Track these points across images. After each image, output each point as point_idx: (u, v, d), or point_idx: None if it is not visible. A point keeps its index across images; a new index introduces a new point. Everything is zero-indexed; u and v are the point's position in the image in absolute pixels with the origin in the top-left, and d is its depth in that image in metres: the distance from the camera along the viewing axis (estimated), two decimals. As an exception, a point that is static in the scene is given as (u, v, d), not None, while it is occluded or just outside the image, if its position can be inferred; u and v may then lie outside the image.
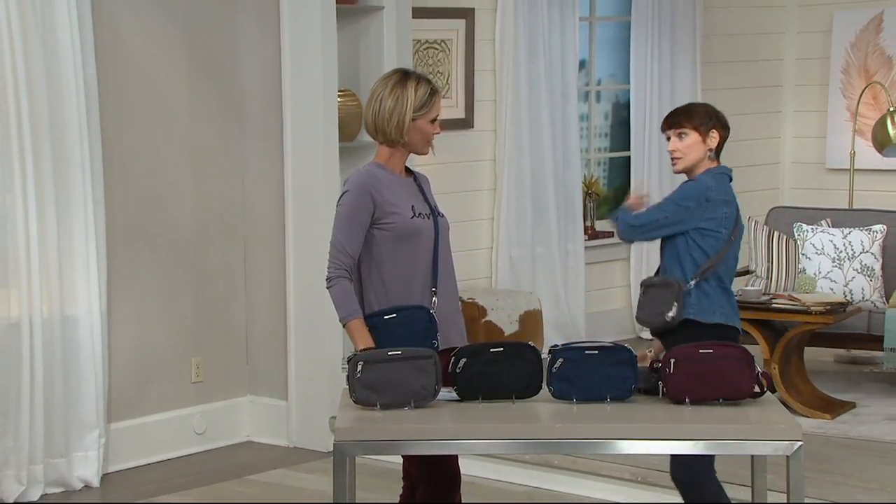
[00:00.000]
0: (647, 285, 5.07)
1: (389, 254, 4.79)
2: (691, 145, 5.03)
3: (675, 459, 4.97)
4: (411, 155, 4.93)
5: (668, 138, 5.08)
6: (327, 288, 4.81)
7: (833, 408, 7.52)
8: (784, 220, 8.66)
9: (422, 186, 4.94)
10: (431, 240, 4.82)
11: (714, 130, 5.04)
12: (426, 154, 4.94)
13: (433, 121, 4.85)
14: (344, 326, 4.78)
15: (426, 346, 4.62)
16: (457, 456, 4.84)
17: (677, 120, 5.06)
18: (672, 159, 5.08)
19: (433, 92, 4.85)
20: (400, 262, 4.79)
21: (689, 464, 4.95)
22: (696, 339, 4.74)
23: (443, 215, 4.93)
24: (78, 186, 6.70)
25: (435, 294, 4.79)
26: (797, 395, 7.46)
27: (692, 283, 4.97)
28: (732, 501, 5.09)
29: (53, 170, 6.61)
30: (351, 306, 4.75)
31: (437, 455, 4.72)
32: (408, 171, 4.96)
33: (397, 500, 5.02)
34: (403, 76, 4.86)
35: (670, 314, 4.92)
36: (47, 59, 6.57)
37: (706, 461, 4.96)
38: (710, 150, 5.05)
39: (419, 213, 4.83)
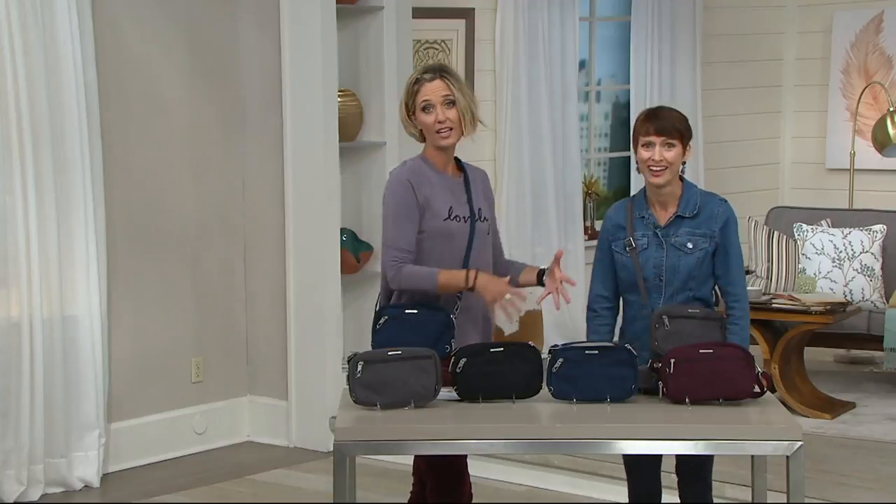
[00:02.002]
0: (677, 316, 4.67)
1: (419, 252, 4.71)
2: (677, 157, 4.72)
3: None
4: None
5: (648, 145, 4.72)
6: (398, 287, 4.69)
7: (833, 408, 7.52)
8: (784, 220, 8.66)
9: (470, 186, 4.83)
10: (465, 243, 4.74)
11: (689, 143, 4.76)
12: (445, 145, 4.75)
13: (424, 109, 4.72)
14: (440, 289, 4.64)
15: (439, 348, 4.56)
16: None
17: (666, 128, 4.69)
18: (652, 169, 4.70)
19: (417, 80, 4.74)
20: (428, 263, 4.70)
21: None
22: None
23: (486, 219, 4.80)
24: (78, 186, 6.70)
25: (459, 298, 4.73)
26: (797, 395, 7.46)
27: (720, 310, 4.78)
28: (733, 502, 5.09)
29: (54, 170, 6.60)
30: (427, 271, 4.63)
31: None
32: (460, 167, 4.87)
33: (397, 501, 5.02)
34: None
35: None
36: (47, 59, 6.57)
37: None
38: (684, 162, 4.75)
39: (455, 216, 4.73)
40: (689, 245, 4.74)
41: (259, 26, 7.42)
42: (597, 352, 4.53)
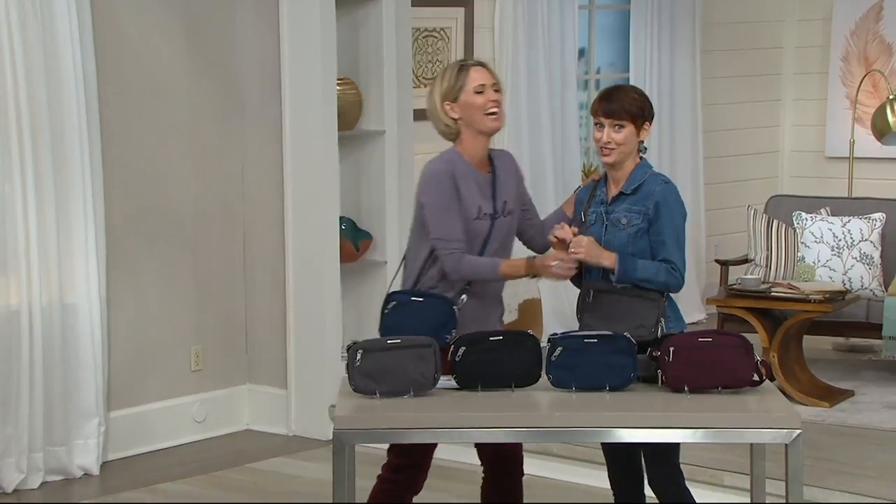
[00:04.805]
0: (603, 290, 4.77)
1: None
2: (627, 137, 4.76)
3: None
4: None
5: (599, 125, 4.78)
6: (458, 278, 4.76)
7: (831, 396, 7.53)
8: (783, 208, 8.66)
9: (496, 180, 4.86)
10: (481, 241, 4.79)
11: (647, 123, 4.79)
12: (494, 128, 4.80)
13: (478, 92, 4.76)
14: (504, 277, 4.76)
15: (440, 336, 4.60)
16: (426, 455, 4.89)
17: (615, 111, 4.76)
18: (602, 149, 4.78)
19: (461, 67, 4.79)
20: None
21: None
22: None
23: (510, 213, 4.86)
24: (77, 175, 6.69)
25: (465, 292, 4.78)
26: (796, 384, 7.46)
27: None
28: (732, 489, 5.08)
29: (53, 159, 6.60)
30: (487, 261, 4.74)
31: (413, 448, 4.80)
32: (491, 160, 4.88)
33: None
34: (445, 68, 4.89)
35: (653, 331, 4.65)
36: (47, 48, 6.56)
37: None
38: (641, 142, 4.81)
39: (482, 215, 4.80)
40: (623, 220, 4.78)
41: (258, 15, 7.41)
42: (596, 340, 4.54)
